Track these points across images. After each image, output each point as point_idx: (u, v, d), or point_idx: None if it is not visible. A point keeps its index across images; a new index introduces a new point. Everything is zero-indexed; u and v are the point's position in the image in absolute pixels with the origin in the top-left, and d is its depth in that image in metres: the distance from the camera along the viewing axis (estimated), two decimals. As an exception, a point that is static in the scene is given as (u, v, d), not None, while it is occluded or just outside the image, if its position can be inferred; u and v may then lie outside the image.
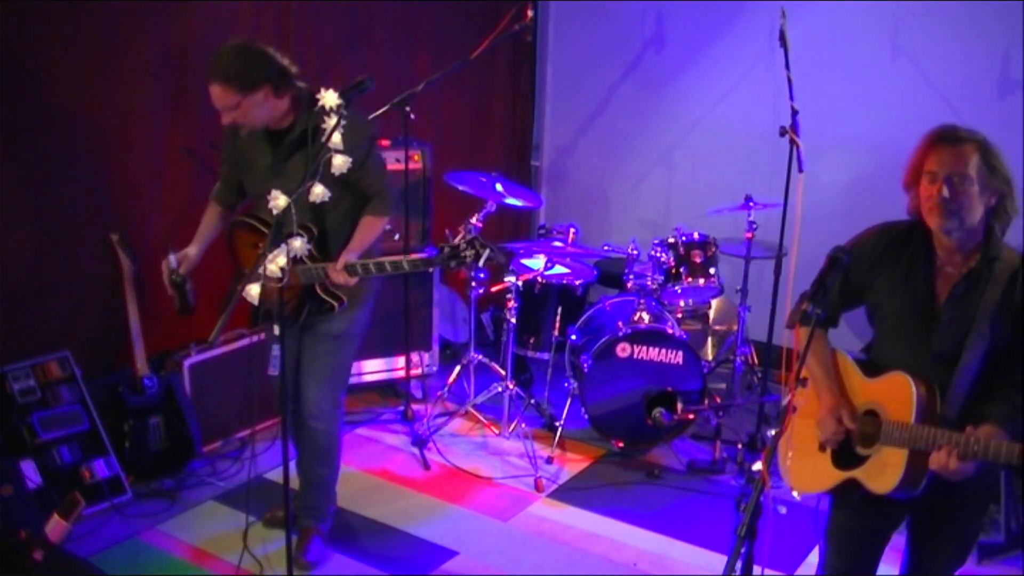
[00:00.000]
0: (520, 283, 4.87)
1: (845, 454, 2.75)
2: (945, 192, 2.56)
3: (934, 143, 2.62)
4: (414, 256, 3.45)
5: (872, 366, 2.76)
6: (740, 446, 4.71)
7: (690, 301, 5.24)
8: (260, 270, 2.95)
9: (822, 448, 2.81)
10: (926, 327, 2.69)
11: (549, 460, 4.67)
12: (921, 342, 2.69)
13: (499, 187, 4.87)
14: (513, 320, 4.82)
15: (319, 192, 3.03)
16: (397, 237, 4.91)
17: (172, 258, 3.62)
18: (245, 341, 4.65)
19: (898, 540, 2.90)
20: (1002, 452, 2.45)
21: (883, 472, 2.66)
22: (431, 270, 3.37)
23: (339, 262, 3.38)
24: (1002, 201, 2.62)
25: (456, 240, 3.19)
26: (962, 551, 2.85)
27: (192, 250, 3.67)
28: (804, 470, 2.86)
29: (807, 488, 2.89)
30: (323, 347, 3.63)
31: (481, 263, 3.22)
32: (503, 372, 4.89)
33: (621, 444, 4.76)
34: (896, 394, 2.65)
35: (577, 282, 5.11)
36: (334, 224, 3.50)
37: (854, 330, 3.36)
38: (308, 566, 3.79)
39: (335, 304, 3.51)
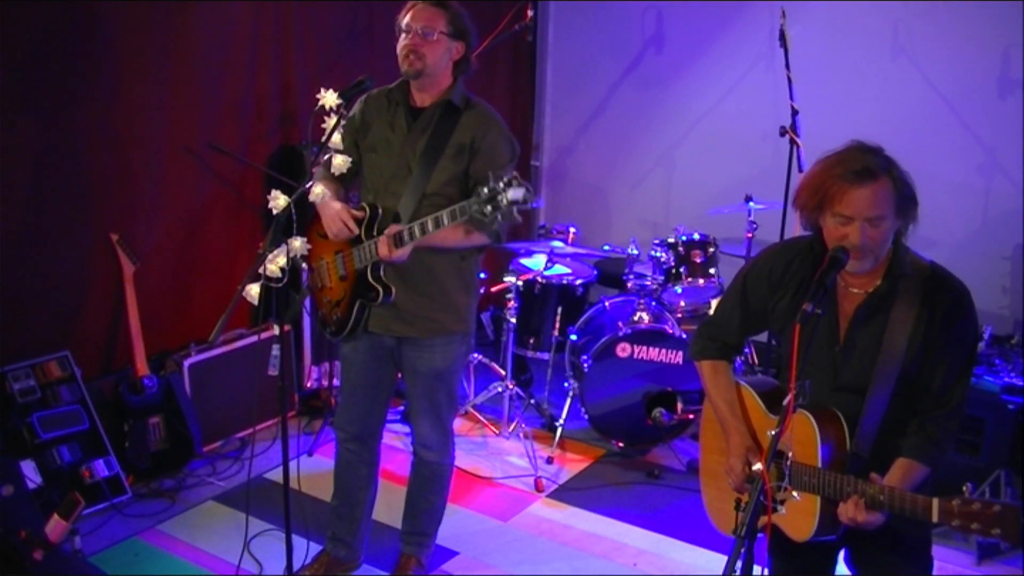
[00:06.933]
0: (520, 283, 4.87)
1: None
2: (863, 238, 2.36)
3: (847, 182, 2.35)
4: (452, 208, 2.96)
5: (779, 397, 2.43)
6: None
7: (690, 301, 5.24)
8: (260, 270, 2.94)
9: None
10: (830, 355, 2.51)
11: (549, 460, 4.67)
12: (826, 372, 2.51)
13: (499, 187, 4.86)
14: (513, 320, 4.82)
15: (319, 192, 3.02)
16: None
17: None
18: (245, 341, 4.66)
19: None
20: (906, 506, 2.28)
21: (798, 518, 2.49)
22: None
23: (387, 231, 3.09)
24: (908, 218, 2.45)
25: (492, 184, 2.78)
26: (918, 566, 2.62)
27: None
28: (723, 508, 2.66)
29: (727, 528, 2.59)
30: (423, 386, 3.46)
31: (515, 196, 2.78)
32: (503, 372, 4.88)
33: (621, 444, 4.76)
34: (800, 435, 2.46)
35: (577, 282, 5.11)
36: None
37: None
38: None
39: (381, 291, 3.21)
